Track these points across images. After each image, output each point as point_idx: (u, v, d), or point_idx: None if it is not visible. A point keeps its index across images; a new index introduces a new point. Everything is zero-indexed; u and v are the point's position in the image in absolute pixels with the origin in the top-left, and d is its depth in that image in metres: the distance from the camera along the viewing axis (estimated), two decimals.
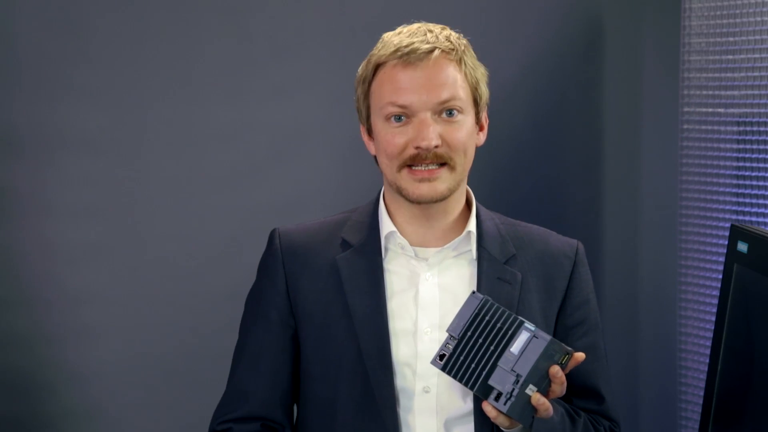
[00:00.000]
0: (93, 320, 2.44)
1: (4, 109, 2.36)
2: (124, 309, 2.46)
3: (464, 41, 1.70)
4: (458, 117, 1.65)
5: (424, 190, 1.65)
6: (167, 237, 2.48)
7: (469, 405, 1.67)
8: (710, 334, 2.24)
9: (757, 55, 2.53)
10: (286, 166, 2.55)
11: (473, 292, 1.60)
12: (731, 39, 2.58)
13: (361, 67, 1.70)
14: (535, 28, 2.73)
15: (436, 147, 1.63)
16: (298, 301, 1.71)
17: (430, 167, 1.64)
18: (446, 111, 1.64)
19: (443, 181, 1.66)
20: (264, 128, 2.53)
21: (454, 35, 1.69)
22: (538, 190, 2.78)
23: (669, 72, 2.76)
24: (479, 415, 1.66)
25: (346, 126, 1.74)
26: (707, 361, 2.14)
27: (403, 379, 1.67)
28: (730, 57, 2.59)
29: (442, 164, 1.65)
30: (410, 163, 1.65)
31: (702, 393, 1.77)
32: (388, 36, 1.69)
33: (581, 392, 1.74)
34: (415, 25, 1.69)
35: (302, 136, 2.56)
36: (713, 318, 1.76)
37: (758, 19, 2.52)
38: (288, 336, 1.72)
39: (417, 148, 1.63)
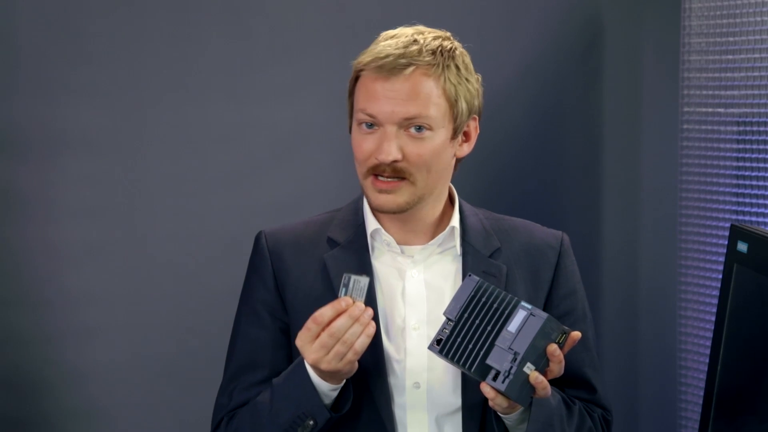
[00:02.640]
0: (93, 320, 2.44)
1: (4, 109, 2.36)
2: (124, 309, 2.46)
3: (458, 51, 1.68)
4: (426, 134, 1.64)
5: (382, 200, 1.67)
6: (167, 237, 2.48)
7: (460, 399, 1.68)
8: (710, 334, 2.24)
9: (757, 55, 2.53)
10: (286, 166, 2.55)
11: (469, 275, 1.61)
12: (731, 39, 2.58)
13: (354, 61, 1.70)
14: (534, 28, 2.73)
15: (395, 161, 1.64)
16: (287, 298, 1.73)
17: (390, 179, 1.65)
18: (414, 126, 1.64)
19: (402, 194, 1.66)
20: (264, 128, 2.53)
21: (446, 45, 1.66)
22: (537, 190, 2.78)
23: (669, 72, 2.76)
24: (467, 409, 1.67)
25: (346, 126, 1.74)
26: (707, 361, 2.14)
27: (393, 375, 1.69)
28: (730, 57, 2.59)
29: (402, 178, 1.66)
30: (374, 172, 1.66)
31: (702, 393, 1.77)
32: (382, 37, 1.69)
33: (572, 382, 1.75)
34: (410, 30, 1.68)
35: (302, 136, 2.56)
36: (713, 318, 1.75)
37: (758, 19, 2.52)
38: (281, 333, 1.73)
39: (377, 159, 1.64)
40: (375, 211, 1.71)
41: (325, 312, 1.59)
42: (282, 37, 2.53)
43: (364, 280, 1.60)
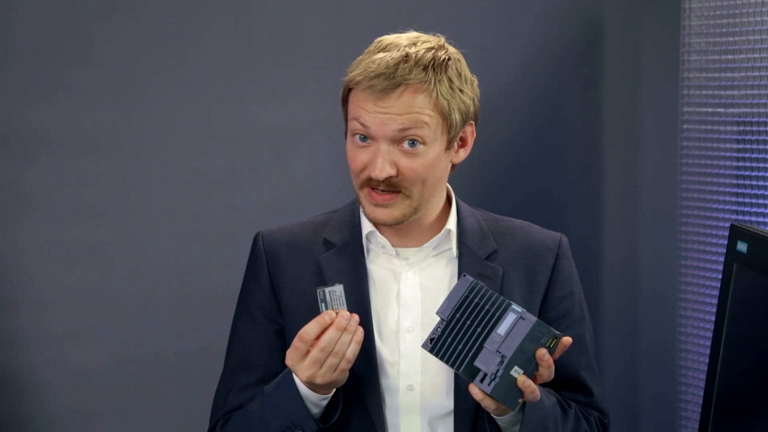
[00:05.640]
0: (93, 320, 2.44)
1: (4, 109, 2.36)
2: (123, 309, 2.46)
3: (451, 60, 1.65)
4: (420, 148, 1.64)
5: (378, 214, 1.67)
6: (167, 237, 2.48)
7: (452, 402, 1.68)
8: (710, 334, 2.24)
9: (757, 55, 2.53)
10: (286, 166, 2.55)
11: (464, 275, 1.61)
12: (731, 39, 2.58)
13: (350, 67, 1.68)
14: (535, 28, 2.73)
15: (389, 177, 1.63)
16: (283, 300, 1.73)
17: (384, 194, 1.65)
18: (407, 141, 1.63)
19: (397, 207, 1.66)
20: (264, 128, 2.53)
21: (439, 57, 1.64)
22: (537, 190, 2.78)
23: (669, 72, 2.76)
24: (459, 412, 1.67)
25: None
26: (707, 361, 2.14)
27: (386, 377, 1.69)
28: (730, 57, 2.59)
29: (397, 191, 1.65)
30: (369, 185, 1.66)
31: (702, 393, 1.77)
32: (375, 46, 1.66)
33: (568, 385, 1.74)
34: (404, 40, 1.65)
35: (302, 136, 2.56)
36: (713, 318, 1.75)
37: (758, 19, 2.52)
38: (277, 335, 1.73)
39: (370, 174, 1.64)
40: (370, 221, 1.71)
41: (310, 329, 1.59)
42: (282, 37, 2.53)
43: (338, 289, 1.61)
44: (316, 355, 1.59)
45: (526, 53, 2.73)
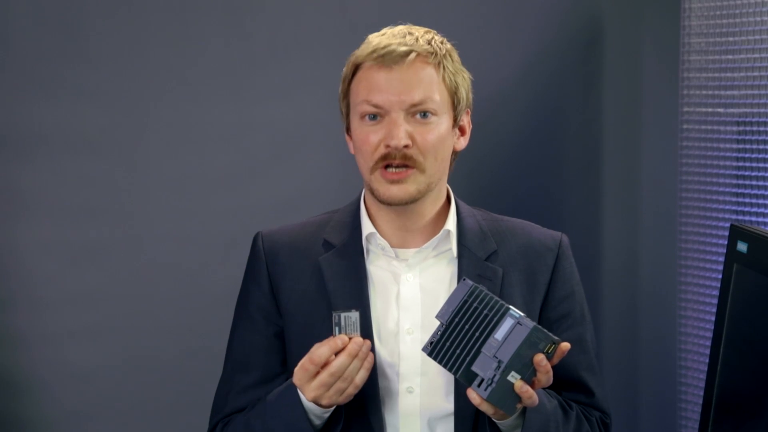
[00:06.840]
0: (93, 320, 2.44)
1: (4, 109, 2.36)
2: (124, 309, 2.46)
3: (448, 45, 1.71)
4: (432, 119, 1.66)
5: (394, 191, 1.67)
6: (167, 237, 2.48)
7: (452, 405, 1.68)
8: (710, 334, 2.24)
9: (757, 55, 2.53)
10: (286, 166, 2.55)
11: (464, 279, 1.61)
12: (731, 39, 2.58)
13: (351, 57, 1.71)
14: (535, 27, 2.73)
15: (406, 147, 1.64)
16: (282, 301, 1.73)
17: (400, 169, 1.66)
18: (420, 113, 1.65)
19: (413, 182, 1.67)
20: (264, 128, 2.53)
21: (437, 39, 1.69)
22: (537, 190, 2.78)
23: (669, 72, 2.76)
24: (459, 414, 1.67)
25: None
26: (707, 361, 2.14)
27: (386, 379, 1.68)
28: (730, 57, 2.59)
29: (411, 167, 1.66)
30: (383, 164, 1.66)
31: (702, 393, 1.77)
32: (371, 37, 1.71)
33: (569, 385, 1.74)
34: (399, 27, 1.71)
35: (302, 136, 2.56)
36: (713, 318, 1.75)
37: (758, 19, 2.52)
38: (276, 337, 1.73)
39: (387, 146, 1.65)
40: (384, 203, 1.70)
41: (322, 352, 1.59)
42: (282, 37, 2.54)
43: (354, 315, 1.61)
44: (324, 379, 1.59)
45: (525, 53, 2.73)
